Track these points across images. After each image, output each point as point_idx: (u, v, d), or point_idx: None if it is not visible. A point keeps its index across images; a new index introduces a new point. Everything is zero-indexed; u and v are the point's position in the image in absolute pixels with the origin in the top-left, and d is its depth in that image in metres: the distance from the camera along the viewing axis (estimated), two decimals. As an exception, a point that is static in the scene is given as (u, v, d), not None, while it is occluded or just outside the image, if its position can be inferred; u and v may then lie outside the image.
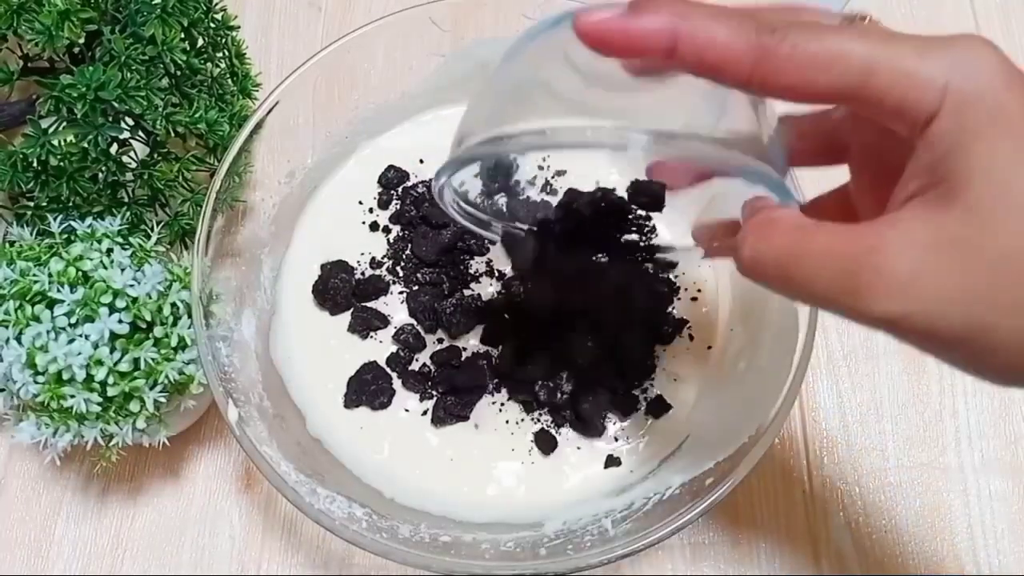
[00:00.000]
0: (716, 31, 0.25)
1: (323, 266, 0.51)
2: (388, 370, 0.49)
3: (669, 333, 0.50)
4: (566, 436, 0.48)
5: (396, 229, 0.53)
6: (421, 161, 0.55)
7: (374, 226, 0.53)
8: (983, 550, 0.51)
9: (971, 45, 0.25)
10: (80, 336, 0.43)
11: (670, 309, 0.51)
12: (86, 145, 0.46)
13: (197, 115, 0.48)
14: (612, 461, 0.47)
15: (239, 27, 0.54)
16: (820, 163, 0.33)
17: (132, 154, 0.50)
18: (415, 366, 0.49)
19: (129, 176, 0.49)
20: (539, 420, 0.48)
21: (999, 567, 0.51)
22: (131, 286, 0.45)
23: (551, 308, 0.48)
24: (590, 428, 0.47)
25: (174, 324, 0.45)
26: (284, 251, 0.52)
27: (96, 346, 0.43)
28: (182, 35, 0.49)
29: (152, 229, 0.48)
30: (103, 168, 0.48)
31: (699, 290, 0.52)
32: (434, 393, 0.48)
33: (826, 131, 0.32)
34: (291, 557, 0.50)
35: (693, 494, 0.40)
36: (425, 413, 0.48)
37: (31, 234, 0.48)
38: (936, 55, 0.24)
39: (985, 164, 0.23)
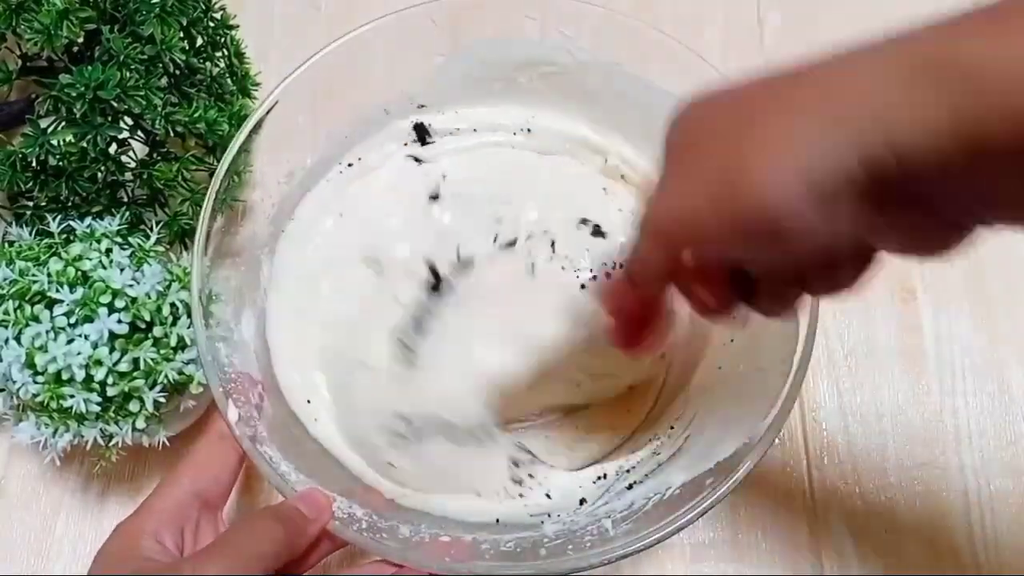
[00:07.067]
0: None
1: None
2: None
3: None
4: (565, 436, 0.47)
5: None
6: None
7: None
8: (983, 550, 0.51)
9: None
10: (79, 336, 0.43)
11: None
12: (85, 145, 0.46)
13: (196, 114, 0.48)
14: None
15: (238, 26, 0.54)
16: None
17: (131, 154, 0.50)
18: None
19: (128, 176, 0.49)
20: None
21: (999, 567, 0.51)
22: (130, 286, 0.45)
23: None
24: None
25: (173, 324, 0.45)
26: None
27: (95, 346, 0.43)
28: (181, 34, 0.48)
29: (151, 229, 0.48)
30: (102, 168, 0.47)
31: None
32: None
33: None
34: (291, 557, 0.49)
35: (693, 494, 0.40)
36: (425, 413, 0.48)
37: (30, 234, 0.48)
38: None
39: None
